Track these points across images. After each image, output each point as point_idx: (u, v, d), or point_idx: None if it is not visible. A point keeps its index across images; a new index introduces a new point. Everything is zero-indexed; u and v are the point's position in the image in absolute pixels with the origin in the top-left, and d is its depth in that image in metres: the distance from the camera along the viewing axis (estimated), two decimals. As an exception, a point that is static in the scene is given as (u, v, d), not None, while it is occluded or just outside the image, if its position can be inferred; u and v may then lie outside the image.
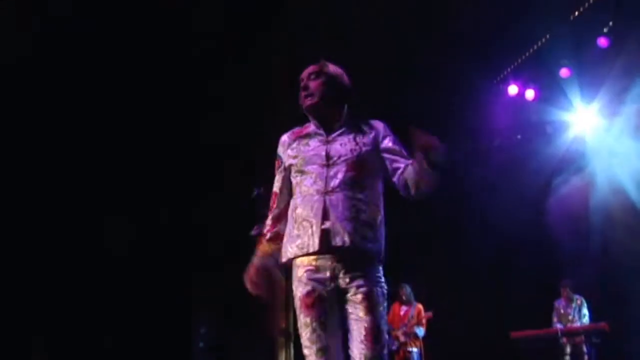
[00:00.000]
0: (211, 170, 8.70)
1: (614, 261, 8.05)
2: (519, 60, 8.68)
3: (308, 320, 2.64)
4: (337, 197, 2.66)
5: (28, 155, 7.74)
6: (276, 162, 2.93)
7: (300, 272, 2.69)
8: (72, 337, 8.54)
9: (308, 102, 2.81)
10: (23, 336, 8.30)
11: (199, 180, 8.76)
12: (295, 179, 2.81)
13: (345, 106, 2.87)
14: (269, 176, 2.92)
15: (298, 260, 2.69)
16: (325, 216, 2.64)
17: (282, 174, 2.89)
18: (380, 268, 2.72)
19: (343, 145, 2.77)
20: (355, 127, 2.84)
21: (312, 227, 2.65)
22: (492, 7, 7.35)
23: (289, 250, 2.72)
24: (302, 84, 2.84)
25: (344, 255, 2.62)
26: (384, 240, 2.75)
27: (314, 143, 2.82)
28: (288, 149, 2.87)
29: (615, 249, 7.99)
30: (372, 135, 2.81)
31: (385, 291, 2.70)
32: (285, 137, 2.94)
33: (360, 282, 2.61)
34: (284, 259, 2.75)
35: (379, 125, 2.86)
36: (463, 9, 7.27)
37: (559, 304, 8.28)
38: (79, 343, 8.51)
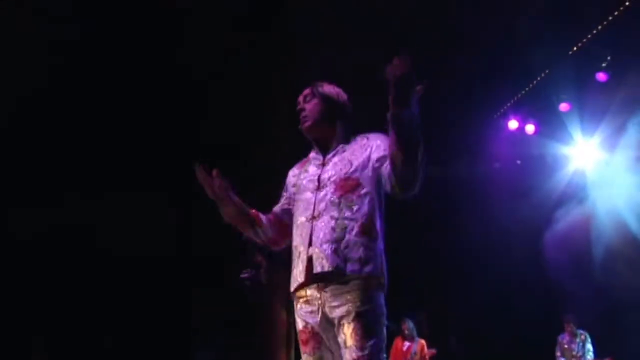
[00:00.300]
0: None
1: (616, 294, 7.98)
2: (519, 95, 8.77)
3: (305, 356, 2.61)
4: (322, 221, 2.56)
5: (27, 155, 7.72)
6: (283, 191, 2.92)
7: (296, 305, 2.64)
8: (72, 337, 8.42)
9: (305, 125, 2.79)
10: (23, 336, 8.20)
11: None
12: (292, 209, 2.78)
13: (340, 123, 2.82)
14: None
15: (297, 294, 2.63)
16: (310, 243, 2.55)
17: (286, 199, 2.87)
18: (376, 291, 2.52)
19: (335, 165, 2.70)
20: (352, 143, 2.77)
21: (300, 256, 2.59)
22: (492, 43, 7.47)
23: (291, 284, 2.66)
24: (298, 107, 2.83)
25: (327, 282, 2.50)
26: (382, 259, 2.58)
27: (312, 169, 2.78)
28: (292, 179, 2.87)
29: (618, 282, 7.93)
30: (366, 148, 2.70)
31: (381, 316, 2.51)
32: (291, 170, 2.92)
33: (345, 309, 2.45)
34: (290, 294, 2.70)
35: (374, 136, 2.74)
36: (464, 43, 7.38)
37: (563, 339, 8.18)
38: (79, 343, 8.39)
